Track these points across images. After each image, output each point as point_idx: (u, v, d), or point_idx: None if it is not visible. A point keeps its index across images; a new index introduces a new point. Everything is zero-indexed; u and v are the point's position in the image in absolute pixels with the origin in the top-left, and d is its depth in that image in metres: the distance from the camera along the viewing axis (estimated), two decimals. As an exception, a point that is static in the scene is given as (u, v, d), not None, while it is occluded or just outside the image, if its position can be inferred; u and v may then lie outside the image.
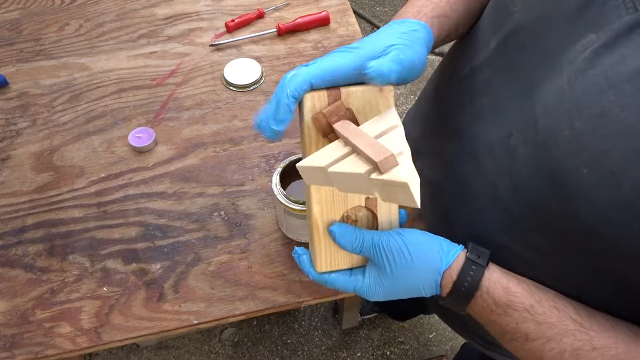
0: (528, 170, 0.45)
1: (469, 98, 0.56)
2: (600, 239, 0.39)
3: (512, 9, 0.48)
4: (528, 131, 0.45)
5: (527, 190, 0.45)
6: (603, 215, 0.38)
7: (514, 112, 0.47)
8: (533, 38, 0.46)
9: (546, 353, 0.45)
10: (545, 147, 0.42)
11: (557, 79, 0.42)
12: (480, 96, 0.53)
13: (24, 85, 0.87)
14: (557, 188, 0.42)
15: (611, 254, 0.40)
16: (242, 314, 0.66)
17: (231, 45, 0.94)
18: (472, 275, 0.47)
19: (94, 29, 0.95)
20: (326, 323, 1.48)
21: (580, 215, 0.40)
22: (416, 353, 1.46)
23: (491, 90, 0.51)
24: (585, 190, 0.39)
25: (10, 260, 0.69)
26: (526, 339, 0.46)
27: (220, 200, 0.75)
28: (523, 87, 0.46)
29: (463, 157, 0.55)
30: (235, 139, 0.81)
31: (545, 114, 0.42)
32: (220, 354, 1.43)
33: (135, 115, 0.84)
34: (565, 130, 0.40)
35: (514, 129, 0.47)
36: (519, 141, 0.46)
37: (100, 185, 0.76)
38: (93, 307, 0.66)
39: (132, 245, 0.70)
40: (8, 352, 0.62)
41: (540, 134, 0.43)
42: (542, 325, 0.45)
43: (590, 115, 0.38)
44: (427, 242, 0.49)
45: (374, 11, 2.23)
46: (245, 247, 0.71)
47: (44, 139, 0.81)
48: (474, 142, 0.53)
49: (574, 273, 0.45)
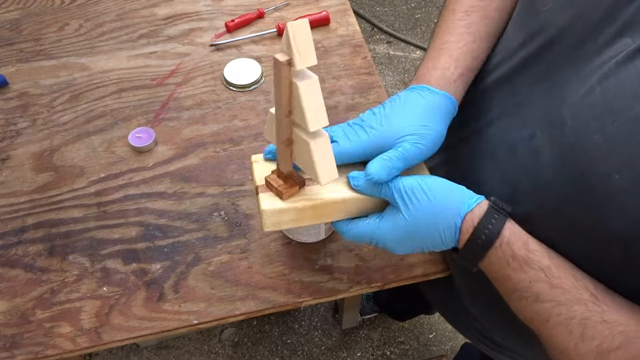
0: (552, 172, 0.44)
1: (489, 97, 0.55)
2: (625, 244, 0.39)
3: (541, 8, 0.47)
4: (554, 133, 0.44)
5: (549, 192, 0.45)
6: (632, 221, 0.38)
7: (538, 112, 0.46)
8: (562, 38, 0.45)
9: (553, 317, 0.43)
10: (572, 151, 0.41)
11: (586, 81, 0.41)
12: (501, 94, 0.53)
13: (24, 85, 0.87)
14: (583, 192, 0.41)
15: (634, 260, 0.39)
16: (242, 314, 0.66)
17: (231, 45, 0.94)
18: (494, 223, 0.46)
19: (94, 29, 0.95)
20: (326, 323, 1.48)
21: (607, 220, 0.39)
22: (416, 353, 1.46)
23: (516, 90, 0.51)
24: (615, 196, 0.38)
25: (10, 260, 0.69)
26: (536, 299, 0.44)
27: (220, 200, 0.75)
28: (550, 88, 0.45)
29: (479, 155, 0.55)
30: (235, 139, 0.81)
31: (574, 117, 0.42)
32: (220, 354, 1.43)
33: (135, 115, 0.84)
34: (595, 134, 0.39)
35: (538, 130, 0.46)
36: (544, 143, 0.45)
37: (100, 185, 0.76)
38: (93, 307, 0.66)
39: (132, 245, 0.70)
40: (8, 352, 0.62)
41: (568, 136, 0.42)
42: (556, 289, 0.43)
43: (625, 120, 0.37)
44: (449, 186, 0.48)
45: (374, 11, 2.23)
46: (245, 247, 0.71)
47: (44, 139, 0.81)
48: (492, 140, 0.53)
49: (587, 274, 0.45)
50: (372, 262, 0.69)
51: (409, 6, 2.27)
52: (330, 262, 0.69)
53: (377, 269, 0.69)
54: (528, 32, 0.49)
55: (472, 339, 0.76)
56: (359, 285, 0.67)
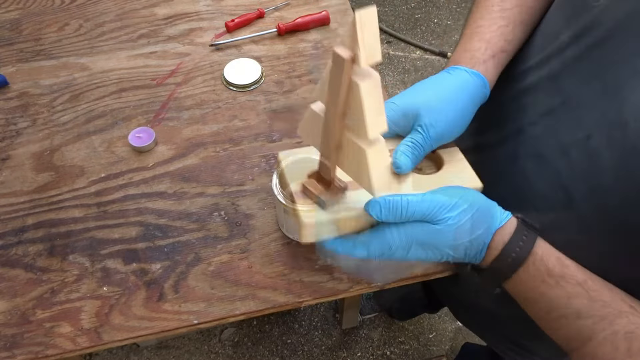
0: (612, 176, 0.42)
1: (531, 95, 0.52)
2: None
3: (593, 3, 0.45)
4: (614, 134, 0.41)
5: (607, 195, 0.42)
6: None
7: (594, 113, 0.44)
8: (618, 35, 0.43)
9: (597, 333, 0.41)
10: (635, 153, 0.39)
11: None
12: (546, 94, 0.50)
13: (24, 85, 0.87)
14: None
15: None
16: (242, 313, 0.66)
17: (231, 45, 0.94)
18: (525, 240, 0.44)
19: (94, 29, 0.95)
20: (326, 323, 1.48)
21: None
22: (416, 353, 1.46)
23: (563, 88, 0.48)
24: None
25: (10, 260, 0.69)
26: (577, 316, 0.42)
27: (220, 200, 0.75)
28: (606, 87, 0.43)
29: (523, 156, 0.52)
30: (235, 138, 0.81)
31: (637, 118, 0.40)
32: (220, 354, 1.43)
33: (135, 115, 0.84)
34: None
35: (595, 131, 0.43)
36: (603, 145, 0.43)
37: (101, 185, 0.76)
38: (93, 307, 0.66)
39: (132, 245, 0.70)
40: (8, 352, 0.62)
41: (630, 138, 0.40)
42: (596, 303, 0.41)
43: None
44: (486, 202, 0.46)
45: (374, 11, 2.23)
46: (245, 247, 0.71)
47: (44, 138, 0.81)
48: (539, 141, 0.50)
49: (631, 283, 0.43)
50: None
51: (409, 6, 2.27)
52: (331, 262, 0.69)
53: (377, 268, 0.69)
54: (578, 28, 0.47)
55: (495, 343, 0.72)
56: (359, 285, 0.67)
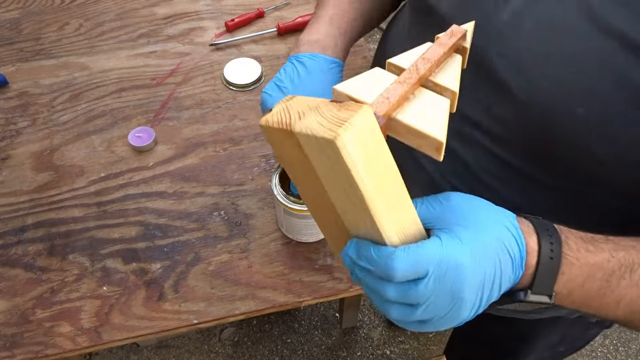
0: (517, 132, 0.45)
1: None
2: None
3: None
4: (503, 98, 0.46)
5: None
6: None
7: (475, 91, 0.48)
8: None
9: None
10: (528, 107, 0.43)
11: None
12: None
13: (24, 85, 0.87)
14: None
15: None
16: (242, 313, 0.66)
17: (231, 44, 0.94)
18: (549, 231, 0.39)
19: (93, 28, 0.95)
20: (326, 322, 1.48)
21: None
22: (416, 352, 1.46)
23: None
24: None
25: (10, 259, 0.69)
26: (630, 269, 0.39)
27: (220, 199, 0.75)
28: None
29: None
30: (235, 138, 0.81)
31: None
32: (220, 354, 1.43)
33: (135, 115, 0.84)
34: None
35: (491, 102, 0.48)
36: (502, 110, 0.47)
37: (100, 185, 0.76)
38: (93, 306, 0.66)
39: (132, 244, 0.70)
40: (8, 352, 0.62)
41: (518, 95, 0.44)
42: (631, 250, 0.40)
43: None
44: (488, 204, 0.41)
45: (374, 10, 2.23)
46: (245, 246, 0.71)
47: (44, 138, 0.81)
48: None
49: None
50: (372, 261, 0.69)
51: (409, 5, 2.26)
52: (330, 261, 0.69)
53: (377, 268, 0.69)
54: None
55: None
56: (359, 285, 0.67)
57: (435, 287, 0.35)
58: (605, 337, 1.47)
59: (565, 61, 0.40)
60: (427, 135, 0.35)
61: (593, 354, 1.44)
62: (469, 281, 0.35)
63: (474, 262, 0.36)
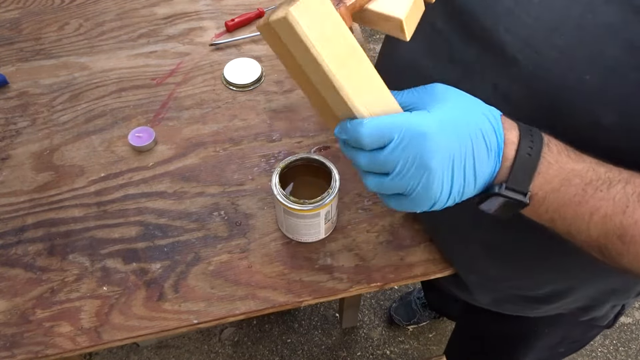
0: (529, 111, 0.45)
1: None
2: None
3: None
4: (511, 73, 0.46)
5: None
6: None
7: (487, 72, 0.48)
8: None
9: (631, 198, 0.39)
10: (537, 79, 0.44)
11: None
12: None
13: (24, 85, 0.87)
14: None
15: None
16: (242, 313, 0.66)
17: (231, 44, 0.94)
18: (532, 132, 0.40)
19: (93, 28, 0.95)
20: (326, 322, 1.49)
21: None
22: (416, 352, 1.46)
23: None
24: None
25: (10, 259, 0.69)
26: (609, 184, 0.39)
27: (220, 199, 0.75)
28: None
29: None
30: (235, 138, 0.81)
31: (520, 49, 0.45)
32: (220, 354, 1.43)
33: (135, 115, 0.84)
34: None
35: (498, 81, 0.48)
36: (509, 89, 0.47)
37: (100, 185, 0.76)
38: (93, 306, 0.66)
39: (132, 244, 0.70)
40: (8, 352, 0.62)
41: (524, 70, 0.45)
42: (613, 168, 0.40)
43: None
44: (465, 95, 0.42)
45: (374, 10, 2.23)
46: (245, 246, 0.71)
47: (43, 138, 0.81)
48: None
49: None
50: (372, 261, 0.69)
51: (409, 5, 2.26)
52: (330, 261, 0.69)
53: (377, 268, 0.69)
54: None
55: (502, 299, 0.69)
56: (359, 285, 0.67)
57: (400, 154, 0.38)
58: (605, 337, 1.47)
59: (574, 30, 0.41)
60: (388, 16, 0.40)
61: (593, 354, 1.44)
62: (434, 150, 0.38)
63: (440, 132, 0.38)
